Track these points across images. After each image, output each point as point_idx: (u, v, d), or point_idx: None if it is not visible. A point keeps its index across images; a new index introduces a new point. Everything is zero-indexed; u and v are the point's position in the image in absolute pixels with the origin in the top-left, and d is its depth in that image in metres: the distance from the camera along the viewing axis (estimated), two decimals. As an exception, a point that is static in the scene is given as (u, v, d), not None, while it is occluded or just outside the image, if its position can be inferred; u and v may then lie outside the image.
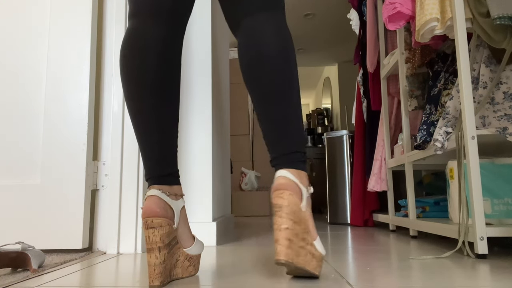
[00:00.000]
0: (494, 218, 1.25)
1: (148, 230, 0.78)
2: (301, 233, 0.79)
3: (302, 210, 0.80)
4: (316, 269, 0.81)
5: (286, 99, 0.85)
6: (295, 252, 0.76)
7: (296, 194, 0.80)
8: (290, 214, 0.78)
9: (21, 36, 1.46)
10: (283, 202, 0.78)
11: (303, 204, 0.81)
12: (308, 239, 0.80)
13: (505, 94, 1.26)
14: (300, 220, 0.79)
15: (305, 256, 0.79)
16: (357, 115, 2.50)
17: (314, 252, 0.81)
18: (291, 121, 0.85)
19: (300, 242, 0.78)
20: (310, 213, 0.83)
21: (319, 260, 0.82)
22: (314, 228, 0.83)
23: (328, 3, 4.06)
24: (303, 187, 0.82)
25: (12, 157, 1.39)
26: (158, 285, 0.77)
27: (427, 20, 1.30)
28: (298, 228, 0.78)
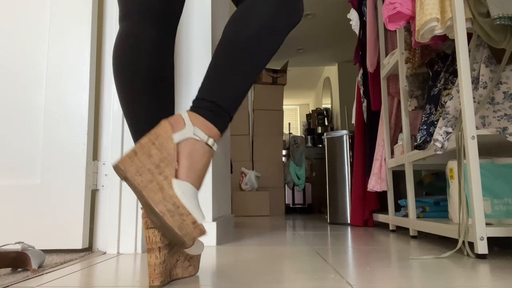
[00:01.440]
0: (494, 218, 1.25)
1: (149, 230, 0.78)
2: (157, 158, 0.74)
3: (171, 139, 0.76)
4: (158, 204, 0.71)
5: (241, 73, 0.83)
6: (136, 168, 0.73)
7: (175, 125, 0.77)
8: (152, 135, 0.75)
9: (21, 36, 1.46)
10: (157, 127, 0.77)
11: (177, 135, 0.76)
12: (166, 171, 0.73)
13: (505, 94, 1.26)
14: (162, 146, 0.75)
15: (149, 182, 0.72)
16: (357, 115, 2.50)
17: (169, 190, 0.72)
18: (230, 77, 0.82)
19: (150, 165, 0.73)
20: (188, 152, 0.76)
21: (172, 204, 0.71)
22: (189, 172, 0.76)
23: (328, 3, 4.06)
24: (191, 126, 0.78)
25: (12, 157, 1.39)
26: (158, 285, 0.77)
27: (427, 20, 1.30)
28: (155, 151, 0.74)
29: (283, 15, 0.86)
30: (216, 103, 0.81)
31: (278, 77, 4.41)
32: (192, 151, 0.77)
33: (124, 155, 0.74)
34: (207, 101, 0.81)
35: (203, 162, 0.79)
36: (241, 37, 0.83)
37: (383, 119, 2.09)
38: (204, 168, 0.79)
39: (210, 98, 0.81)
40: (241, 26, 0.84)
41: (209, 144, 0.79)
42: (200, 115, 0.79)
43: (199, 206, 0.75)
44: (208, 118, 0.80)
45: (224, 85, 0.82)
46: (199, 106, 0.81)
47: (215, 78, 0.82)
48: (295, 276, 0.87)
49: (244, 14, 0.84)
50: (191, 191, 0.75)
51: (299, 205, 4.63)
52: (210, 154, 0.80)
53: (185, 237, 0.71)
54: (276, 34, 0.86)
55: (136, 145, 0.75)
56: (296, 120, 8.15)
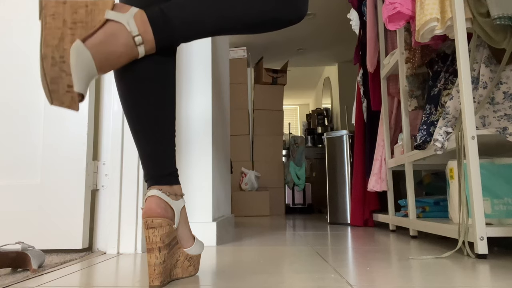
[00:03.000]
0: (494, 218, 1.25)
1: (148, 230, 0.78)
2: (78, 19, 0.73)
3: (103, 12, 0.75)
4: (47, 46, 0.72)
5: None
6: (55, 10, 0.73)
7: (118, 6, 0.77)
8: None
9: (21, 36, 1.46)
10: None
11: (112, 13, 0.75)
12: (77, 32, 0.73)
13: (505, 94, 1.26)
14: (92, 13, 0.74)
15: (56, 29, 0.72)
16: (357, 115, 2.50)
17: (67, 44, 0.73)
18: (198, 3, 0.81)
19: (68, 18, 0.73)
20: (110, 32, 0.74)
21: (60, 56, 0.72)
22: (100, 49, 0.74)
23: (328, 3, 4.06)
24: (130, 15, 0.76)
25: (12, 157, 1.39)
26: (158, 285, 0.77)
27: (427, 20, 1.30)
28: (82, 12, 0.74)
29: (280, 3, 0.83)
30: (168, 17, 0.79)
31: (278, 77, 4.41)
32: (114, 33, 0.74)
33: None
34: (162, 12, 0.78)
35: (118, 52, 0.75)
36: None
37: (383, 119, 2.09)
38: (116, 59, 0.76)
39: (167, 10, 0.79)
40: None
41: (135, 40, 0.76)
42: (146, 15, 0.77)
43: (87, 81, 0.73)
44: (151, 21, 0.77)
45: (185, 7, 0.80)
46: (151, 10, 0.79)
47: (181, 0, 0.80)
48: (295, 276, 0.87)
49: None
50: (88, 61, 0.72)
51: (299, 205, 4.63)
52: (131, 50, 0.76)
53: (53, 95, 0.70)
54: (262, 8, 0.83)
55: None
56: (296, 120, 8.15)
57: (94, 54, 0.73)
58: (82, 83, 0.72)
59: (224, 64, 2.09)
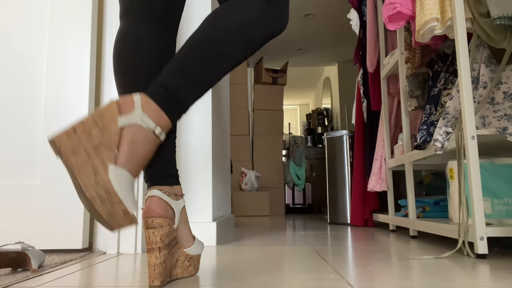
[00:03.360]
0: (494, 218, 1.25)
1: (148, 230, 0.78)
2: (97, 141, 0.69)
3: (115, 122, 0.71)
4: (89, 188, 0.67)
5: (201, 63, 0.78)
6: (72, 146, 0.67)
7: (123, 107, 0.73)
8: (97, 114, 0.70)
9: (21, 36, 1.46)
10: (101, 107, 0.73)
11: (122, 119, 0.72)
12: (104, 156, 0.69)
13: (505, 94, 1.26)
14: (104, 128, 0.70)
15: (84, 164, 0.67)
16: (357, 115, 2.50)
17: (103, 175, 0.68)
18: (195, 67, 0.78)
19: (88, 146, 0.68)
20: (131, 139, 0.72)
21: (104, 191, 0.68)
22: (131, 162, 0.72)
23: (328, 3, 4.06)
24: (140, 111, 0.74)
25: (12, 157, 1.39)
26: (158, 285, 0.77)
27: (427, 20, 1.30)
28: (96, 133, 0.69)
29: (265, 21, 0.82)
30: (173, 92, 0.77)
31: (278, 77, 4.41)
32: (135, 138, 0.73)
33: (62, 131, 0.68)
34: (165, 88, 0.77)
35: (146, 151, 0.74)
36: (217, 29, 0.79)
37: (383, 119, 2.09)
38: (146, 157, 0.75)
39: (168, 84, 0.77)
40: (220, 19, 0.80)
41: (156, 133, 0.75)
42: (154, 101, 0.75)
43: (134, 195, 0.72)
44: (162, 106, 0.76)
45: (186, 74, 0.78)
46: (155, 91, 0.76)
47: (179, 65, 0.78)
48: (295, 276, 0.87)
49: (225, 11, 0.81)
50: (127, 179, 0.71)
51: (299, 205, 4.63)
52: (155, 143, 0.76)
53: (113, 224, 0.68)
54: (254, 38, 0.82)
55: (77, 122, 0.69)
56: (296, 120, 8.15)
57: (129, 168, 0.71)
58: (132, 200, 0.71)
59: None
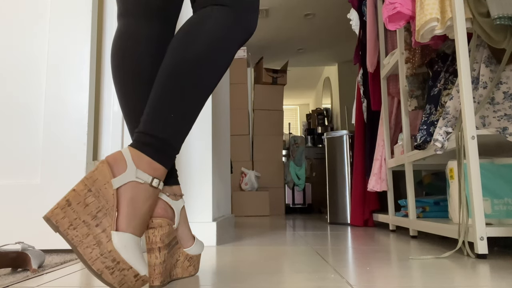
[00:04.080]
0: (494, 218, 1.25)
1: (148, 230, 0.78)
2: (94, 208, 0.66)
3: (110, 185, 0.68)
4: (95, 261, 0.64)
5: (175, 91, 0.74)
6: (69, 220, 0.64)
7: (114, 166, 0.70)
8: (89, 180, 0.67)
9: (21, 36, 1.46)
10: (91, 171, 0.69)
11: (117, 180, 0.69)
12: (105, 224, 0.66)
13: (505, 94, 1.26)
14: (99, 193, 0.67)
15: (85, 237, 0.64)
16: (357, 115, 2.50)
17: (108, 245, 0.65)
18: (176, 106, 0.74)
19: (85, 217, 0.65)
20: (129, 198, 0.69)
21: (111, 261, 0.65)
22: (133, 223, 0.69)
23: (328, 3, 4.06)
24: (133, 168, 0.70)
25: (12, 157, 1.39)
26: (158, 285, 0.77)
27: (427, 20, 1.30)
28: (92, 200, 0.66)
29: (235, 30, 0.79)
30: (160, 138, 0.73)
31: (278, 77, 4.41)
32: (134, 197, 0.69)
33: (55, 205, 0.65)
34: (150, 136, 0.73)
35: (147, 207, 0.71)
36: (187, 58, 0.75)
37: (383, 119, 2.09)
38: (149, 212, 0.72)
39: (153, 132, 0.73)
40: (187, 45, 0.75)
41: (153, 186, 0.72)
42: (144, 153, 0.72)
43: (142, 256, 0.70)
44: (153, 156, 0.72)
45: (169, 116, 0.74)
46: (142, 142, 0.73)
47: (159, 108, 0.73)
48: (295, 276, 0.87)
49: (191, 31, 0.77)
50: (133, 241, 0.68)
51: (299, 205, 4.63)
52: (155, 195, 0.73)
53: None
54: (227, 51, 0.78)
55: (70, 192, 0.66)
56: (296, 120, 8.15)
57: (133, 230, 0.68)
58: (141, 262, 0.68)
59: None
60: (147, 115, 0.74)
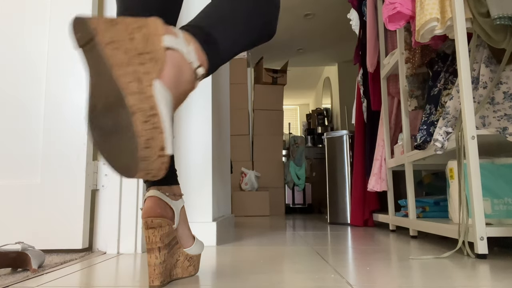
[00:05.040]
0: (494, 218, 1.25)
1: (148, 230, 0.78)
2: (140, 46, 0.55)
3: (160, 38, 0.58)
4: (132, 94, 0.50)
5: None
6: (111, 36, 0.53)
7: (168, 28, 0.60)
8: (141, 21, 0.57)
9: (21, 36, 1.46)
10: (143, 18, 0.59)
11: (168, 38, 0.59)
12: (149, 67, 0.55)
13: (505, 94, 1.26)
14: (148, 40, 0.57)
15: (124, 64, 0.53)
16: (357, 115, 2.50)
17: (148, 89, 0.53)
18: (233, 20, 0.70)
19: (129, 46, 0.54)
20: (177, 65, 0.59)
21: (150, 107, 0.51)
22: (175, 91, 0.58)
23: (328, 3, 4.06)
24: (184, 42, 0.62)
25: (12, 157, 1.39)
26: (158, 285, 0.77)
27: (427, 20, 1.30)
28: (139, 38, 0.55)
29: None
30: (213, 37, 0.66)
31: (278, 77, 4.41)
32: (181, 67, 0.59)
33: (96, 16, 0.52)
34: (205, 32, 0.66)
35: (185, 89, 0.61)
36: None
37: (383, 119, 2.09)
38: (184, 97, 0.62)
39: (209, 30, 0.66)
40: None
41: (196, 72, 0.62)
42: (197, 40, 0.63)
43: (172, 134, 0.56)
44: (203, 46, 0.64)
45: (226, 24, 0.68)
46: (194, 33, 0.64)
47: (218, 14, 0.69)
48: (295, 276, 0.87)
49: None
50: (170, 105, 0.56)
51: (299, 205, 4.63)
52: (193, 85, 0.63)
53: (142, 163, 0.49)
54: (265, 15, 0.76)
55: (117, 18, 0.55)
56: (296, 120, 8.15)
57: (173, 94, 0.57)
58: (171, 139, 0.54)
59: (224, 65, 2.09)
60: (205, 15, 0.69)
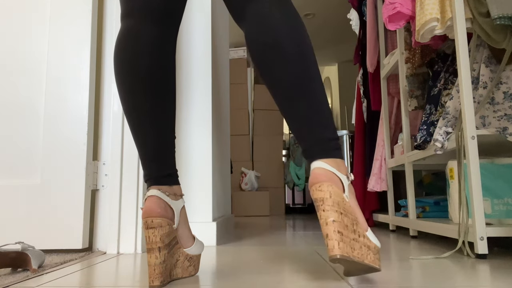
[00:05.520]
0: (494, 218, 1.25)
1: (148, 230, 0.78)
2: (350, 224, 0.74)
3: (346, 200, 0.76)
4: (375, 262, 0.76)
5: (306, 92, 0.79)
6: (349, 245, 0.72)
7: (336, 184, 0.75)
8: (335, 205, 0.73)
9: (21, 36, 1.46)
10: (324, 194, 0.73)
11: (346, 193, 0.77)
12: (359, 230, 0.76)
13: (505, 94, 1.26)
14: (346, 210, 0.75)
15: (360, 249, 0.74)
16: (357, 115, 2.50)
17: (369, 243, 0.76)
18: (315, 112, 0.79)
19: (351, 235, 0.73)
20: (355, 203, 0.79)
21: (375, 252, 0.77)
22: (363, 218, 0.80)
23: (328, 3, 4.06)
24: (342, 175, 0.78)
25: (12, 157, 1.39)
26: (158, 285, 0.77)
27: (427, 20, 1.30)
28: (346, 219, 0.74)
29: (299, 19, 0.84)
30: (334, 139, 0.82)
31: (278, 77, 4.40)
32: (354, 198, 0.80)
33: (331, 241, 0.71)
34: (330, 140, 0.80)
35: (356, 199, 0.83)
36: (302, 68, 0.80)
37: (383, 119, 2.09)
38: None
39: (330, 135, 0.81)
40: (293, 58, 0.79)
41: (352, 178, 0.83)
42: (337, 158, 0.79)
43: (374, 236, 0.82)
44: (340, 156, 0.82)
45: (321, 120, 0.80)
46: (328, 149, 0.79)
47: (312, 121, 0.80)
48: (295, 276, 0.87)
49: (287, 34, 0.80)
50: (371, 233, 0.81)
51: (299, 205, 4.63)
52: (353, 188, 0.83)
53: (375, 264, 0.77)
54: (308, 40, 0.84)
55: (334, 223, 0.72)
56: (296, 120, 8.13)
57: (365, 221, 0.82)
58: (378, 242, 0.81)
59: (224, 64, 2.09)
60: (314, 128, 0.80)
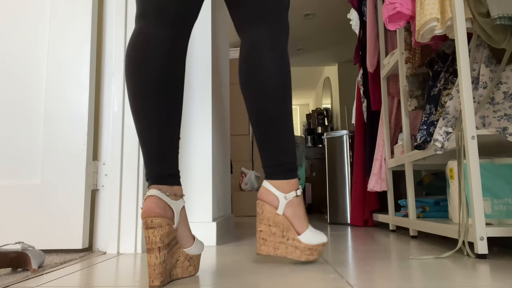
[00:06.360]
0: (494, 218, 1.25)
1: (148, 230, 0.78)
2: (279, 231, 0.99)
3: (277, 214, 1.00)
4: (300, 257, 1.00)
5: (278, 130, 0.99)
6: (272, 247, 1.00)
7: (271, 201, 1.00)
8: (264, 220, 1.00)
9: (21, 36, 1.46)
10: (258, 210, 1.01)
11: (279, 209, 1.00)
12: (289, 235, 0.99)
13: (505, 94, 1.26)
14: (276, 222, 1.00)
15: (286, 249, 0.99)
16: (357, 115, 2.50)
17: (297, 244, 0.99)
18: (279, 143, 0.99)
19: (278, 239, 0.99)
20: (294, 213, 1.00)
21: (304, 250, 0.99)
22: (302, 224, 1.01)
23: (328, 3, 4.06)
24: (280, 194, 1.00)
25: (12, 157, 1.39)
26: (158, 285, 0.77)
27: (427, 20, 1.30)
28: (275, 229, 1.00)
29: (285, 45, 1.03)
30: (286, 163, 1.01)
31: (278, 77, 4.40)
32: (294, 210, 1.00)
33: (257, 244, 1.00)
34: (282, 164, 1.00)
35: (302, 208, 1.02)
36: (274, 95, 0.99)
37: (383, 119, 2.09)
38: (304, 210, 1.02)
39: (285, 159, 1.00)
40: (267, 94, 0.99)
41: (297, 194, 1.01)
42: (281, 179, 1.00)
43: (316, 231, 1.03)
44: (287, 177, 1.01)
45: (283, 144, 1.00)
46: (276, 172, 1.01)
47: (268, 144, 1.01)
48: (295, 276, 0.87)
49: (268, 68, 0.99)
50: (311, 231, 1.01)
51: (299, 205, 4.62)
52: (301, 198, 1.02)
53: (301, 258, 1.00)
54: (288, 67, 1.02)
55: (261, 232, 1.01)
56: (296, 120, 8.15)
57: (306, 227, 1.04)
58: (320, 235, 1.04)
59: (224, 64, 2.09)
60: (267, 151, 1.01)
